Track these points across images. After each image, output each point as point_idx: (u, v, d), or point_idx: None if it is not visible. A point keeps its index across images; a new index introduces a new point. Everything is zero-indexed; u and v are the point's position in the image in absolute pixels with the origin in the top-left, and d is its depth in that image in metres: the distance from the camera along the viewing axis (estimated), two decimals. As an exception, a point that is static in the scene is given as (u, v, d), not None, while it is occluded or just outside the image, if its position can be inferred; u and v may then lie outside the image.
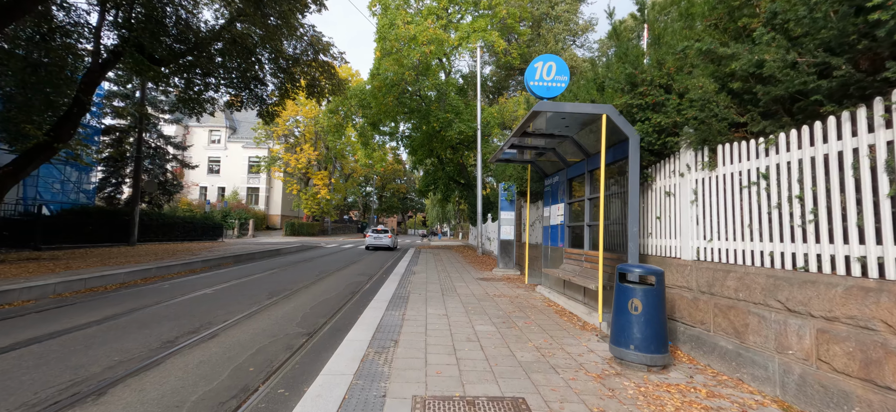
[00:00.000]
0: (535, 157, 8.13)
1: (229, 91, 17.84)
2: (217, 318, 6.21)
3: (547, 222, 8.27)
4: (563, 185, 7.34)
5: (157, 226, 19.98)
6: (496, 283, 9.50)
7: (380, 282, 10.21)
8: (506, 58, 22.90)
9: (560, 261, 7.29)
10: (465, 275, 10.97)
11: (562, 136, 6.24)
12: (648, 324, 3.74)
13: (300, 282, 10.08)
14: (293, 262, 15.12)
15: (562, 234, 7.31)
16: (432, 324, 5.40)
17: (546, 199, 8.38)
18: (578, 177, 6.72)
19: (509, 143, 6.91)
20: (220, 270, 12.10)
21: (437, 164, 27.65)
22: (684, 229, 4.51)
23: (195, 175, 47.30)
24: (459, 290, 8.28)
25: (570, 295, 6.68)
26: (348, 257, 18.19)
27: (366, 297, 8.06)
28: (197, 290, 8.61)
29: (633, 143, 4.78)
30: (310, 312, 6.82)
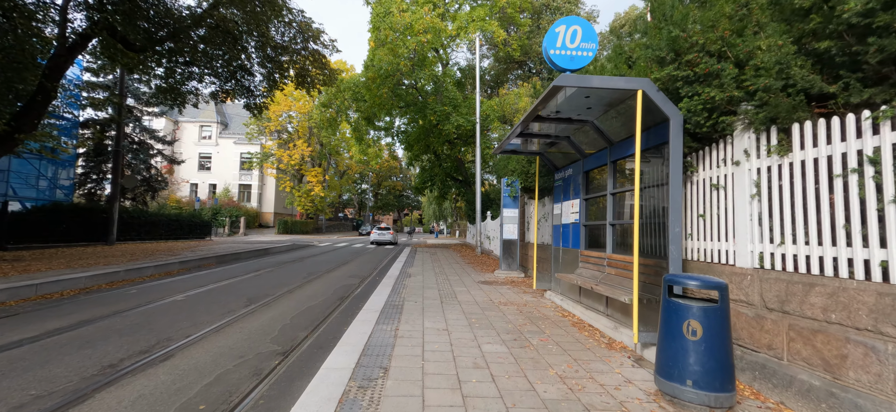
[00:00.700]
0: (545, 148, 7.27)
1: (214, 82, 16.86)
2: (179, 333, 5.31)
3: (557, 221, 7.43)
4: (578, 179, 6.49)
5: (140, 224, 18.96)
6: (500, 288, 8.64)
7: (372, 285, 9.33)
8: (505, 49, 22.02)
9: (574, 264, 6.45)
10: (466, 278, 10.11)
11: (580, 121, 5.38)
12: (711, 354, 2.89)
13: (285, 286, 9.18)
14: (281, 263, 14.20)
15: (576, 234, 6.46)
16: (431, 342, 4.53)
17: (556, 195, 7.53)
18: (599, 168, 5.87)
19: (517, 131, 6.04)
20: (200, 273, 11.17)
21: (434, 160, 26.75)
22: (740, 230, 3.67)
23: (185, 172, 46.16)
24: (460, 297, 7.41)
25: (589, 304, 5.83)
26: (340, 257, 17.29)
27: (355, 305, 7.18)
28: (167, 297, 7.69)
29: (674, 126, 3.92)
30: (289, 324, 5.94)
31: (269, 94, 18.02)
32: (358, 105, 23.03)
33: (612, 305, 5.11)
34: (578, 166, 6.51)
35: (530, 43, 24.11)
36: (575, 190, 6.63)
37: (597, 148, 5.86)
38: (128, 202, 22.63)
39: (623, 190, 5.10)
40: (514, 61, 25.67)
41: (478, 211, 18.39)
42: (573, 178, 6.74)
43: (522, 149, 7.67)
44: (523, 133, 6.22)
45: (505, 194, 10.79)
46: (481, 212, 18.62)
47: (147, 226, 19.51)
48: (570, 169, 6.87)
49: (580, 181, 6.39)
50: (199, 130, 47.75)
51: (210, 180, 47.30)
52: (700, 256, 4.16)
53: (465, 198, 25.52)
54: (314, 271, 12.11)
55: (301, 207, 45.20)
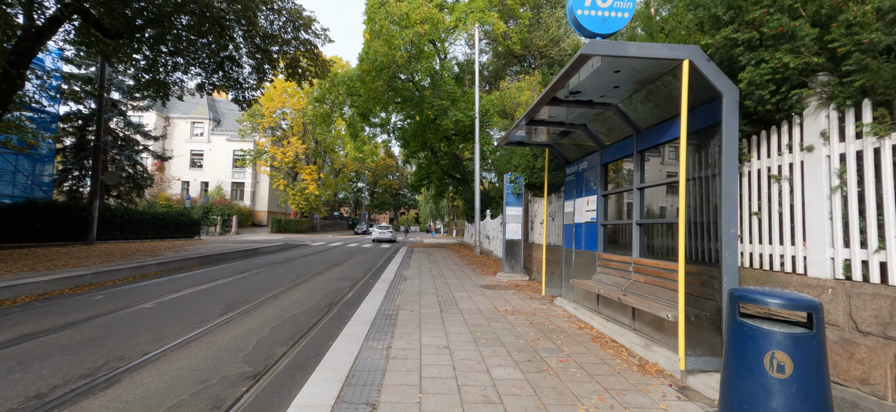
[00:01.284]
0: (556, 139, 6.54)
1: (200, 73, 16.02)
2: (135, 350, 4.54)
3: (569, 220, 6.70)
4: (595, 173, 5.76)
5: (122, 222, 18.09)
6: (504, 293, 7.91)
7: (365, 289, 8.58)
8: (505, 42, 21.27)
9: (590, 269, 5.72)
10: (466, 282, 9.37)
11: (601, 105, 4.65)
12: (806, 398, 2.17)
13: (269, 291, 8.41)
14: (270, 264, 13.41)
15: (592, 235, 5.74)
16: (429, 365, 3.79)
17: (568, 192, 6.80)
18: (622, 160, 5.14)
19: (527, 118, 5.30)
20: (179, 275, 10.37)
21: (431, 157, 25.99)
22: (813, 231, 2.95)
23: (176, 169, 45.20)
24: (462, 304, 6.67)
25: (609, 315, 5.11)
26: (333, 257, 16.51)
27: (345, 313, 6.43)
28: (135, 304, 6.91)
29: (728, 104, 3.21)
30: (268, 337, 5.18)
31: (258, 87, 17.22)
32: (353, 99, 22.22)
33: (640, 318, 4.38)
34: (595, 158, 5.78)
35: (531, 37, 23.38)
36: (591, 185, 5.90)
37: (619, 137, 5.14)
38: (112, 200, 21.72)
39: (655, 184, 4.37)
40: (514, 56, 24.94)
41: (477, 209, 17.65)
42: (588, 171, 6.01)
43: (530, 140, 6.93)
44: (533, 120, 5.48)
45: (508, 191, 10.06)
46: (480, 211, 17.89)
47: (131, 224, 18.63)
48: (585, 162, 6.14)
49: (597, 175, 5.67)
50: (190, 127, 46.73)
51: (202, 178, 46.30)
52: (755, 262, 3.44)
53: (463, 196, 24.78)
54: (304, 273, 11.33)
55: (295, 206, 44.33)
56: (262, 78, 16.77)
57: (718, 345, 3.16)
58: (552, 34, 23.47)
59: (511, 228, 10.07)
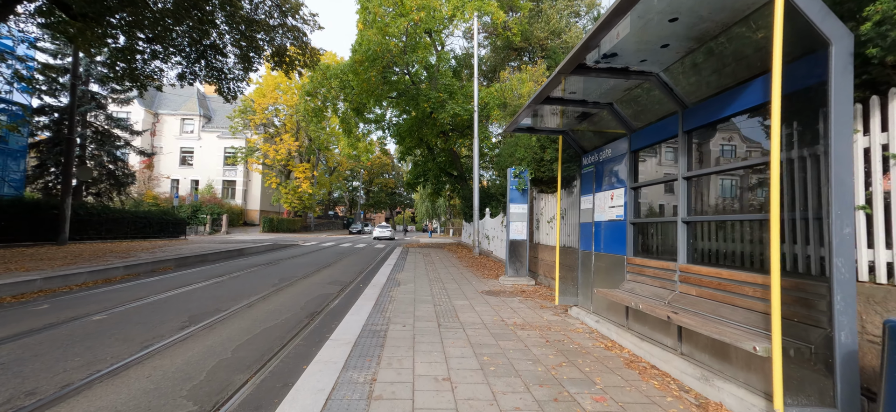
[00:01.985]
0: (573, 123, 5.64)
1: (180, 62, 15.01)
2: (54, 381, 3.60)
3: (587, 218, 5.80)
4: (621, 162, 4.85)
5: (99, 221, 17.02)
6: (510, 301, 6.99)
7: (354, 295, 7.64)
8: (505, 34, 20.38)
9: (616, 275, 4.82)
10: (466, 287, 8.45)
11: (639, 74, 3.76)
12: None
13: (245, 298, 7.46)
14: (253, 266, 12.43)
15: (617, 235, 4.83)
16: (425, 410, 2.86)
17: (586, 185, 5.89)
18: (661, 143, 4.24)
19: (541, 96, 4.39)
20: (148, 280, 9.38)
21: (427, 154, 25.06)
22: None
23: (166, 167, 44.04)
24: (463, 316, 5.75)
25: (644, 332, 4.20)
26: (324, 258, 15.54)
27: (327, 326, 5.49)
28: (82, 316, 5.94)
29: (839, 55, 2.31)
30: (229, 360, 4.24)
31: (244, 77, 16.23)
32: (345, 93, 21.24)
33: (690, 340, 3.48)
34: (622, 145, 4.87)
35: (531, 28, 22.49)
36: (615, 177, 5.00)
37: (655, 116, 4.23)
38: (91, 198, 20.63)
39: (711, 171, 3.45)
40: (513, 49, 24.03)
41: (476, 208, 16.75)
42: (612, 161, 5.10)
43: (540, 126, 6.03)
44: (550, 98, 4.57)
45: (511, 187, 9.15)
46: (479, 209, 16.98)
47: (109, 224, 17.56)
48: (607, 150, 5.24)
49: (625, 165, 4.76)
50: (180, 123, 45.52)
51: (192, 176, 45.12)
52: (870, 275, 2.54)
53: (461, 194, 23.87)
54: (288, 277, 10.38)
55: (288, 205, 43.26)
56: (247, 68, 15.79)
57: (829, 390, 2.26)
58: (553, 26, 22.60)
59: (515, 228, 9.16)
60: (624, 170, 4.78)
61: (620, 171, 4.87)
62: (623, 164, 4.82)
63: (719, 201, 3.37)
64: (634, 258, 4.48)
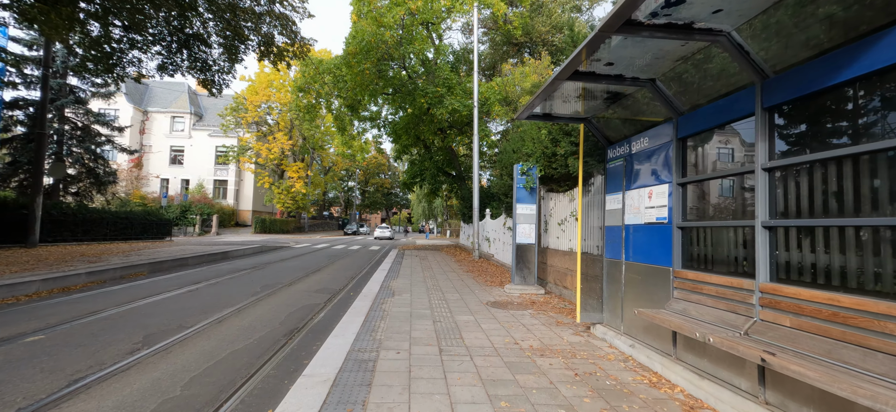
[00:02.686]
0: (599, 107, 4.77)
1: (161, 52, 14.05)
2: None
3: (614, 220, 4.91)
4: (663, 153, 3.98)
5: (76, 222, 15.98)
6: (521, 315, 6.10)
7: (342, 307, 6.73)
8: (505, 27, 19.52)
9: (658, 291, 3.94)
10: (469, 297, 7.55)
11: (706, 33, 2.87)
12: None
13: (218, 310, 6.52)
14: (236, 271, 11.47)
15: (660, 242, 3.96)
16: None
17: (612, 182, 5.01)
18: (724, 126, 3.35)
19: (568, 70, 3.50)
20: (115, 288, 8.42)
21: (424, 152, 24.15)
22: None
23: (155, 166, 42.91)
24: (469, 336, 4.84)
25: (701, 367, 3.31)
26: (314, 262, 14.59)
27: (306, 349, 4.58)
28: (14, 336, 4.99)
29: None
30: (176, 401, 3.34)
31: (230, 69, 15.27)
32: (339, 89, 20.28)
33: (781, 386, 2.59)
34: (664, 132, 3.99)
35: (532, 23, 21.65)
36: (655, 170, 4.12)
37: (715, 93, 3.37)
38: (70, 197, 19.58)
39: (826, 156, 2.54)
40: (513, 44, 23.18)
41: (475, 208, 15.87)
42: (650, 152, 4.23)
43: (559, 111, 5.14)
44: (579, 73, 3.68)
45: (518, 185, 8.27)
46: (479, 210, 16.10)
47: (86, 224, 16.52)
48: (643, 139, 4.35)
49: (668, 155, 3.88)
50: (170, 121, 44.36)
51: (183, 175, 43.95)
52: None
53: (459, 194, 22.98)
54: (273, 283, 9.44)
55: (281, 205, 42.20)
56: (233, 59, 14.84)
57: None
58: (555, 20, 21.77)
59: (522, 230, 8.28)
60: (667, 162, 3.90)
61: (662, 164, 3.99)
62: (666, 155, 3.94)
63: (829, 199, 2.49)
64: (685, 271, 3.59)
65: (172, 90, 45.94)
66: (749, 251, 3.00)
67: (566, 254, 7.69)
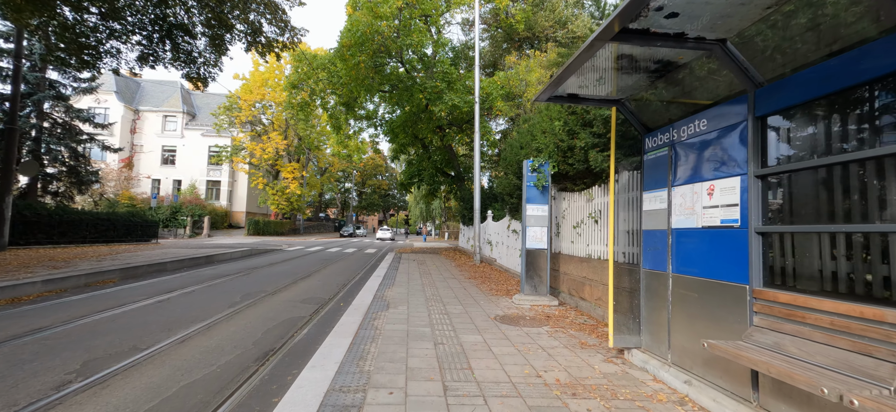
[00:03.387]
0: (639, 85, 3.90)
1: (141, 42, 13.15)
2: None
3: (655, 222, 4.04)
4: (731, 137, 3.11)
5: (51, 224, 15.00)
6: (537, 334, 5.22)
7: (328, 322, 5.82)
8: (508, 20, 18.68)
9: (726, 315, 3.06)
10: (474, 310, 6.66)
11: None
12: None
13: (186, 325, 5.61)
14: (219, 277, 10.54)
15: (729, 252, 3.08)
16: None
17: (652, 177, 4.14)
18: (833, 96, 2.47)
19: (624, 17, 2.63)
20: (75, 297, 7.49)
21: (422, 152, 23.24)
22: None
23: (147, 166, 41.86)
24: (479, 368, 3.95)
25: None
26: (305, 266, 13.66)
27: (278, 380, 3.68)
28: (-78, 362, 4.07)
29: None
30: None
31: (216, 61, 14.37)
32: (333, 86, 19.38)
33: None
34: (733, 110, 3.13)
35: (535, 17, 20.83)
36: (718, 160, 3.25)
37: (813, 55, 2.50)
38: (48, 197, 18.58)
39: None
40: (515, 40, 22.36)
41: (476, 210, 14.99)
42: (710, 137, 3.36)
43: (587, 93, 4.27)
44: (628, 32, 2.80)
45: (528, 183, 7.39)
46: (480, 211, 15.22)
47: (63, 226, 15.54)
48: (699, 121, 3.48)
49: (741, 139, 3.02)
50: (162, 121, 43.34)
51: (175, 176, 42.92)
52: None
53: (458, 195, 22.10)
54: (255, 292, 8.52)
55: (275, 206, 41.20)
56: (219, 50, 13.94)
57: None
58: (559, 14, 20.96)
59: (533, 234, 7.39)
60: (738, 148, 3.03)
61: (730, 151, 3.12)
62: (736, 140, 3.06)
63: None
64: (774, 292, 2.71)
65: (165, 88, 44.94)
66: (879, 267, 2.13)
67: (583, 261, 6.82)
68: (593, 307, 6.27)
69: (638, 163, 4.67)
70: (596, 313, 6.15)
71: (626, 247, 5.05)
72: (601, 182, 6.31)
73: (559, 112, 7.05)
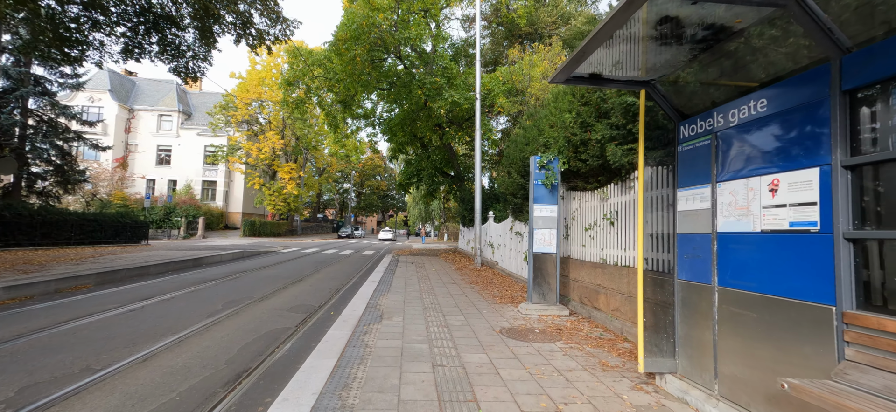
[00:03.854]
0: (676, 62, 3.29)
1: (126, 35, 12.53)
2: None
3: (696, 225, 3.41)
4: (803, 119, 2.49)
5: (33, 225, 14.34)
6: (549, 352, 4.58)
7: (313, 337, 5.18)
8: (510, 15, 18.08)
9: (800, 343, 2.43)
10: (477, 321, 6.03)
11: None
12: None
13: (153, 340, 4.96)
14: (205, 281, 9.89)
15: (802, 262, 2.46)
16: None
17: (688, 171, 3.51)
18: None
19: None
20: (38, 306, 6.84)
21: (421, 151, 22.62)
22: None
23: (142, 166, 41.17)
24: (485, 396, 3.31)
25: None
26: (298, 270, 13.01)
27: None
28: None
29: None
30: None
31: (206, 54, 13.75)
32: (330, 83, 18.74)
33: None
34: (803, 86, 2.50)
35: (537, 13, 20.23)
36: (783, 148, 2.62)
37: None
38: (34, 197, 17.92)
39: None
40: (516, 36, 21.75)
41: (477, 211, 14.36)
42: (766, 122, 2.74)
43: (612, 74, 3.65)
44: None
45: (536, 182, 6.77)
46: (481, 212, 14.59)
47: (46, 227, 14.88)
48: (755, 101, 2.86)
49: (820, 121, 2.39)
50: (158, 120, 42.66)
51: (170, 176, 42.22)
52: None
53: (458, 195, 21.47)
54: (240, 298, 7.88)
55: (271, 207, 40.50)
56: (209, 43, 13.32)
57: None
58: (561, 10, 20.37)
59: (541, 237, 6.76)
60: (817, 131, 2.41)
61: (804, 137, 2.50)
62: (812, 122, 2.44)
63: None
64: (875, 317, 2.08)
65: (160, 87, 44.29)
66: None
67: (596, 267, 6.19)
68: (609, 319, 5.64)
69: (662, 157, 4.04)
70: (613, 326, 5.52)
71: (650, 253, 4.42)
72: (618, 179, 5.69)
73: (570, 103, 6.43)
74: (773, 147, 2.70)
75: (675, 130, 3.75)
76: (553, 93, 8.01)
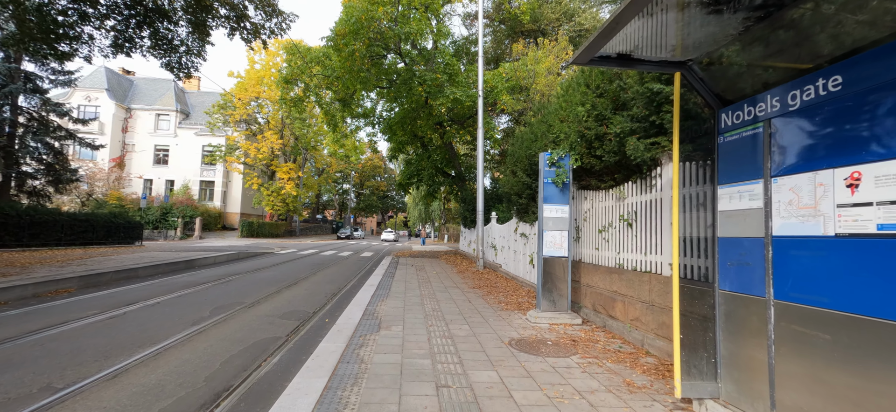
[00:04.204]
0: (722, 36, 2.83)
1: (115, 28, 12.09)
2: None
3: (740, 228, 2.94)
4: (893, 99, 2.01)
5: (20, 225, 13.88)
6: (565, 367, 4.11)
7: (305, 349, 4.71)
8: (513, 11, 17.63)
9: (885, 373, 1.95)
10: (482, 330, 5.56)
11: None
12: None
13: (129, 351, 4.49)
14: (195, 285, 9.41)
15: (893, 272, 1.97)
16: None
17: (730, 166, 3.04)
18: None
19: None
20: (12, 312, 6.37)
21: (421, 150, 22.16)
22: None
23: (139, 166, 40.71)
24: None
25: None
26: (293, 272, 12.54)
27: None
28: None
29: None
30: None
31: (200, 49, 13.32)
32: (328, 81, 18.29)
33: None
34: (893, 59, 2.02)
35: (541, 9, 19.78)
36: (864, 136, 2.16)
37: None
38: (24, 197, 17.46)
39: None
40: (519, 33, 21.31)
41: (479, 211, 13.90)
42: (840, 106, 2.28)
43: (642, 54, 3.19)
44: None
45: (546, 180, 6.30)
46: (484, 213, 14.13)
47: (35, 227, 14.42)
48: (826, 79, 2.39)
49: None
50: (155, 119, 42.21)
51: (167, 175, 41.77)
52: None
53: (459, 196, 21.01)
54: (230, 304, 7.41)
55: (270, 207, 40.04)
56: (202, 38, 12.89)
57: None
58: (565, 6, 19.92)
59: (551, 239, 6.30)
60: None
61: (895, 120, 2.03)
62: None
63: None
64: None
65: (158, 86, 43.86)
66: None
67: (612, 273, 5.72)
68: (628, 329, 5.17)
69: (691, 151, 3.54)
70: (632, 337, 5.05)
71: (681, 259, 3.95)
72: (638, 177, 5.22)
73: (584, 95, 5.96)
74: (852, 134, 2.23)
75: (711, 119, 3.28)
76: (563, 86, 7.54)
